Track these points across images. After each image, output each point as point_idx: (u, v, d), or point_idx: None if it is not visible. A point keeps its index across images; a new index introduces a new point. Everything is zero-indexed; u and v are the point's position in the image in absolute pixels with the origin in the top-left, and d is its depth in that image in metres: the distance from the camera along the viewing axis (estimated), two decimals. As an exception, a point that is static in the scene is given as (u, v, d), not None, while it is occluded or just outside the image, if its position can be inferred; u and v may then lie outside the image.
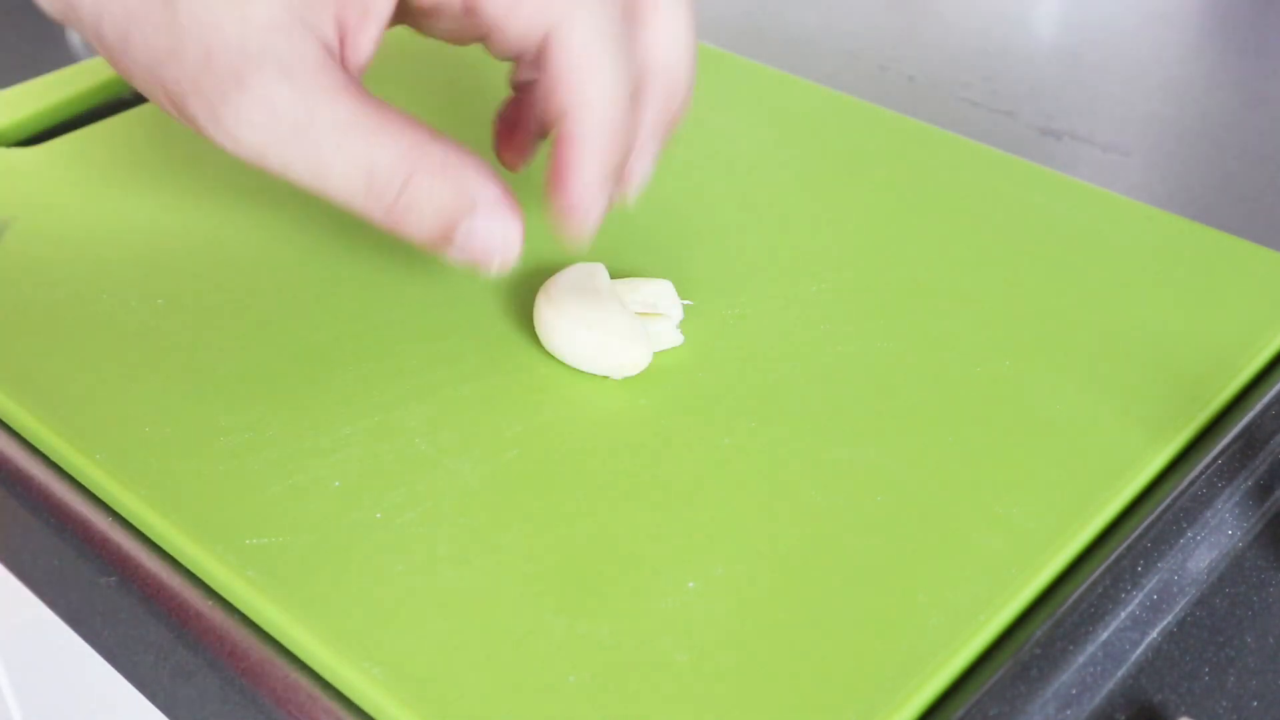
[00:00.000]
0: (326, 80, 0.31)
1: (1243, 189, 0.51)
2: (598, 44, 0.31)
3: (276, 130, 0.31)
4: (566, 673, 0.28)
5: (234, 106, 0.30)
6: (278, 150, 0.31)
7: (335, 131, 0.31)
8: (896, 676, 0.28)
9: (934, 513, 0.32)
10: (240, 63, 0.30)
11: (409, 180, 0.31)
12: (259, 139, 0.31)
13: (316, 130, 0.31)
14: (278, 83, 0.30)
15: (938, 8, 0.66)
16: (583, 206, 0.32)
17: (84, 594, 0.34)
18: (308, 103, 0.30)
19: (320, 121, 0.31)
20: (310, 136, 0.31)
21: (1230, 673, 0.29)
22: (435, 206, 0.32)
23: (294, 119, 0.30)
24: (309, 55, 0.30)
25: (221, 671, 0.30)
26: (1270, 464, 0.34)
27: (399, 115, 0.31)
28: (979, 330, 0.38)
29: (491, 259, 0.33)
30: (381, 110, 0.31)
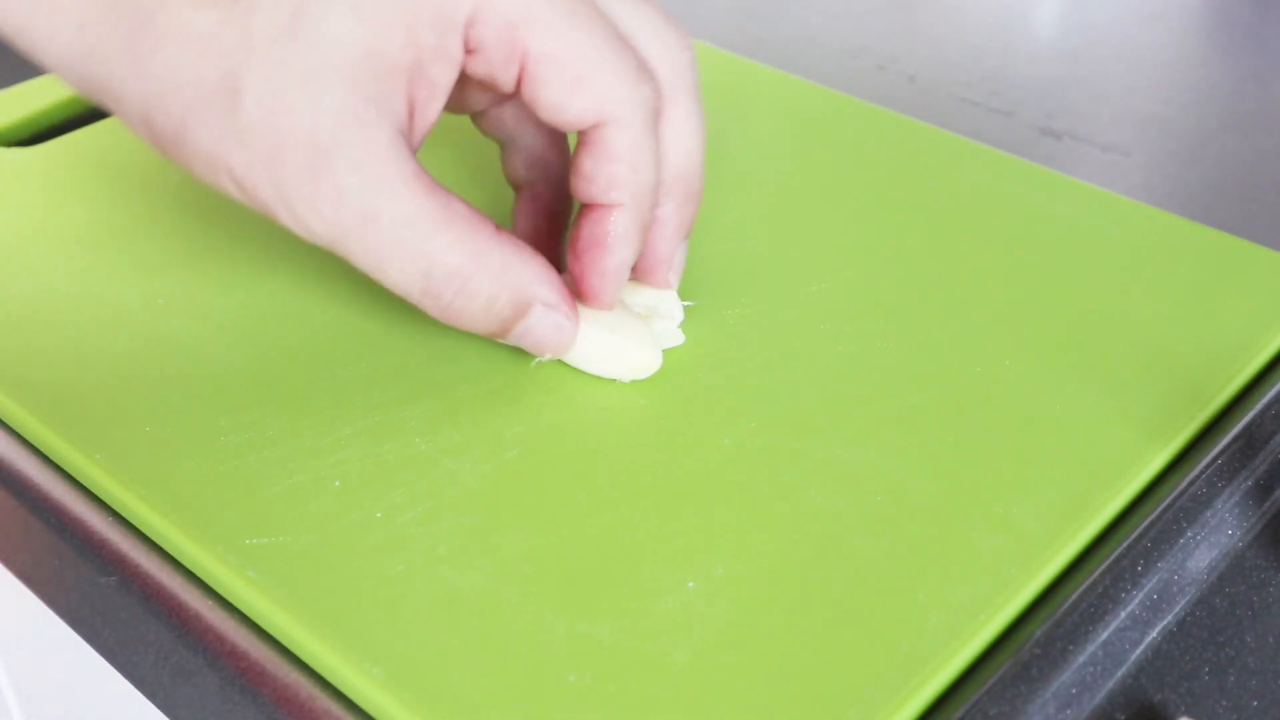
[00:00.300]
0: (394, 171, 0.31)
1: (1243, 189, 0.51)
2: (648, 134, 0.33)
3: (343, 223, 0.31)
4: (566, 673, 0.28)
5: (305, 198, 0.30)
6: (344, 240, 0.31)
7: (396, 227, 0.31)
8: (896, 676, 0.28)
9: (934, 513, 0.32)
10: (312, 154, 0.30)
11: (466, 284, 0.32)
12: (328, 231, 0.31)
13: (380, 225, 0.31)
14: (347, 175, 0.30)
15: (938, 8, 0.66)
16: (610, 289, 0.35)
17: (84, 594, 0.34)
18: (375, 197, 0.31)
19: (384, 217, 0.31)
20: (374, 230, 0.31)
21: (1230, 673, 0.29)
22: (492, 311, 0.33)
23: (361, 212, 0.31)
24: (380, 143, 0.31)
25: (221, 671, 0.30)
26: (1270, 464, 0.34)
27: (463, 211, 0.32)
28: (979, 330, 0.38)
29: (544, 352, 0.35)
30: (447, 206, 0.32)
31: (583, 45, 0.32)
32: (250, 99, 0.30)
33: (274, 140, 0.30)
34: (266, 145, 0.30)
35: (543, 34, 0.31)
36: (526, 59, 0.32)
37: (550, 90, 0.32)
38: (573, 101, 0.32)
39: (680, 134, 0.35)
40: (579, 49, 0.32)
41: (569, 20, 0.32)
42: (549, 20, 0.32)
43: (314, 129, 0.30)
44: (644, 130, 0.33)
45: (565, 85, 0.32)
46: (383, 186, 0.31)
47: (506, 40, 0.31)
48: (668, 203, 0.36)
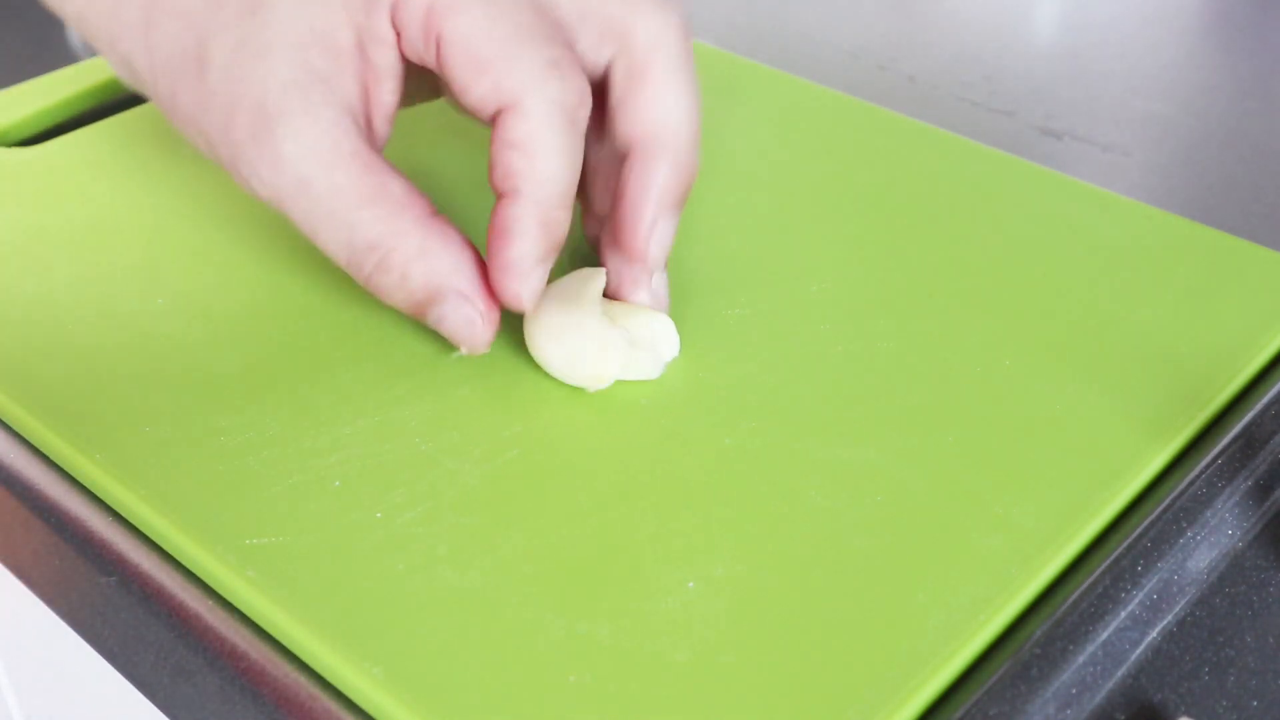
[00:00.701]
0: (330, 144, 0.33)
1: (1243, 189, 0.51)
2: (548, 124, 0.33)
3: (280, 186, 0.33)
4: (566, 673, 0.28)
5: (250, 160, 0.33)
6: (280, 201, 0.34)
7: (326, 196, 0.33)
8: (896, 676, 0.28)
9: (934, 513, 0.32)
10: (258, 119, 0.33)
11: (383, 259, 0.34)
12: (267, 192, 0.33)
13: (312, 192, 0.33)
14: (286, 141, 0.33)
15: (938, 8, 0.66)
16: (516, 283, 0.34)
17: (84, 594, 0.34)
18: (309, 166, 0.33)
19: (316, 185, 0.33)
20: (306, 196, 0.33)
21: (1230, 673, 0.29)
22: (405, 289, 0.34)
23: (297, 178, 0.33)
24: (323, 117, 0.33)
25: (221, 671, 0.30)
26: (1270, 464, 0.34)
27: (396, 191, 0.33)
28: (979, 330, 0.38)
29: (460, 344, 0.35)
30: (380, 184, 0.33)
31: (492, 31, 0.33)
32: (216, 66, 0.33)
33: (229, 103, 0.33)
34: (223, 107, 0.33)
35: (456, 18, 0.33)
36: (440, 42, 0.33)
37: (456, 73, 0.33)
38: (473, 86, 0.33)
39: (655, 98, 0.35)
40: (487, 35, 0.33)
41: (484, 7, 0.33)
42: (464, 5, 0.33)
43: (263, 97, 0.33)
44: (546, 121, 0.33)
45: (469, 69, 0.33)
46: (318, 157, 0.33)
47: (424, 23, 0.33)
48: (639, 164, 0.35)
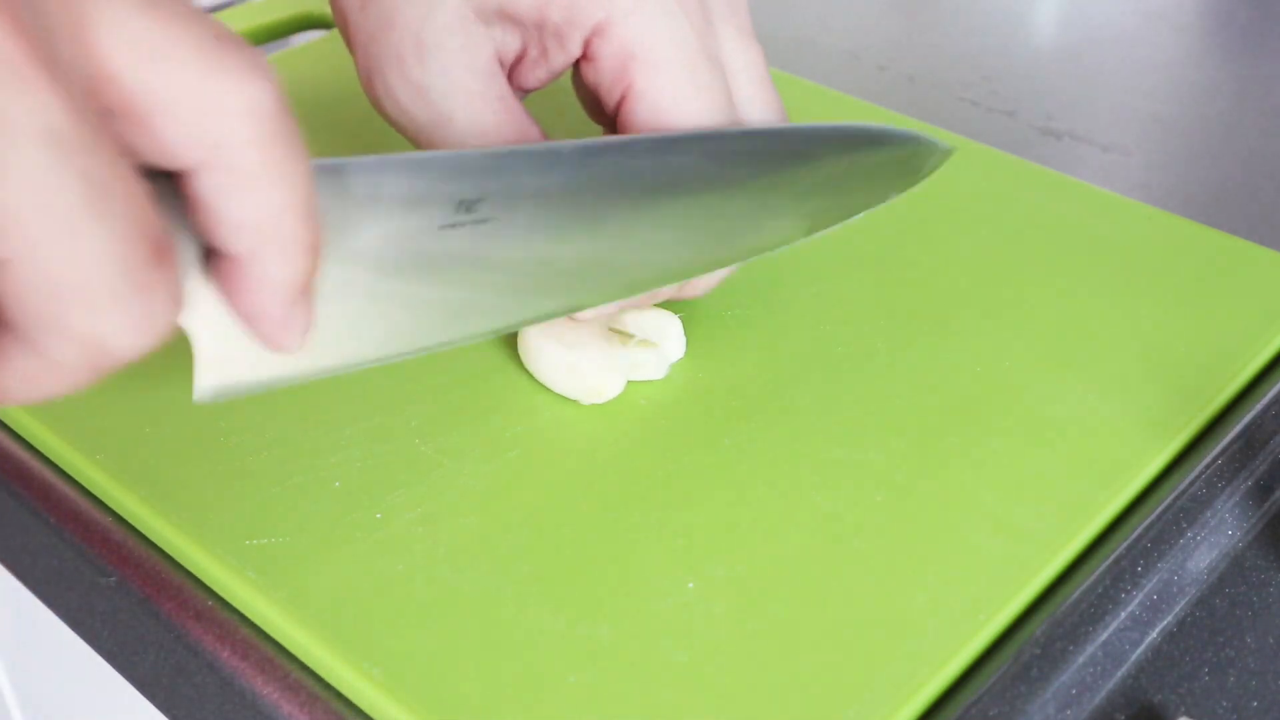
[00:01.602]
0: (482, 87, 0.34)
1: (1243, 189, 0.51)
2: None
3: (417, 116, 0.34)
4: (566, 673, 0.28)
5: (389, 83, 0.34)
6: (413, 130, 0.34)
7: (469, 136, 0.34)
8: (897, 676, 0.28)
9: (934, 513, 0.32)
10: (410, 47, 0.33)
11: None
12: (399, 117, 0.35)
13: (455, 128, 0.34)
14: (436, 76, 0.34)
15: (938, 7, 0.66)
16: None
17: (84, 594, 0.34)
18: (455, 103, 0.34)
19: (459, 123, 0.34)
20: (446, 130, 0.34)
21: (1230, 673, 0.29)
22: None
23: (439, 113, 0.34)
24: (480, 58, 0.34)
25: (221, 671, 0.30)
26: (1270, 464, 0.34)
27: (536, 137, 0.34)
28: (978, 330, 0.38)
29: None
30: (522, 130, 0.34)
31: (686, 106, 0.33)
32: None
33: (385, 17, 0.34)
34: (376, 23, 0.34)
35: (654, 79, 0.33)
36: (629, 93, 0.33)
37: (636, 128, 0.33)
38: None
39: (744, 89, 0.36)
40: (678, 107, 0.33)
41: (686, 75, 0.33)
42: (668, 67, 0.33)
43: (422, 27, 0.33)
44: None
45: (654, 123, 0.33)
46: (467, 97, 0.34)
47: (620, 67, 0.33)
48: None
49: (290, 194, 0.23)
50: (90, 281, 0.21)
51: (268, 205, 0.23)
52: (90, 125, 0.21)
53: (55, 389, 0.22)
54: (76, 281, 0.21)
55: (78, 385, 0.22)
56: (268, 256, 0.24)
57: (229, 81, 0.22)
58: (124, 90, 0.21)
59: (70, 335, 0.21)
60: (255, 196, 0.23)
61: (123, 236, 0.21)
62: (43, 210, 0.20)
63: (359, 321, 0.28)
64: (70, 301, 0.21)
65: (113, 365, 0.22)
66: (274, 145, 0.23)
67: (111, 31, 0.21)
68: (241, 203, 0.23)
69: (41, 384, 0.22)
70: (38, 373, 0.22)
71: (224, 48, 0.22)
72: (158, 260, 0.22)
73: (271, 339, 0.25)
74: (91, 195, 0.20)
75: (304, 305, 0.25)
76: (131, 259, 0.21)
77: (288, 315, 0.25)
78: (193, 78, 0.22)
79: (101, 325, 0.21)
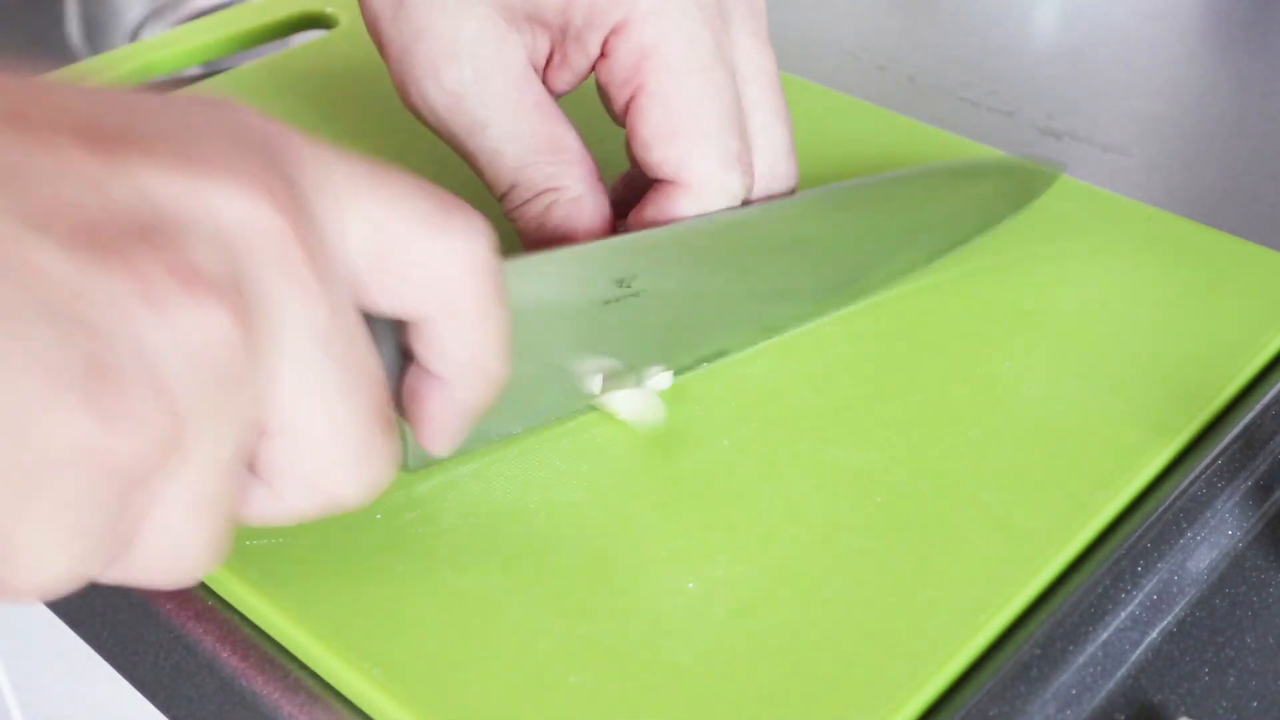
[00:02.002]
0: (518, 95, 0.35)
1: (1243, 189, 0.51)
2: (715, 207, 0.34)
3: (454, 122, 0.35)
4: (566, 673, 0.28)
5: (423, 90, 0.35)
6: (449, 135, 0.35)
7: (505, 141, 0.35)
8: (896, 676, 0.28)
9: (934, 514, 0.32)
10: (444, 51, 0.34)
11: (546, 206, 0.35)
12: (433, 121, 0.35)
13: (490, 134, 0.35)
14: (470, 84, 0.34)
15: (938, 8, 0.66)
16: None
17: (84, 594, 0.34)
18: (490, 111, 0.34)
19: (494, 130, 0.35)
20: (482, 137, 0.35)
21: (1230, 673, 0.29)
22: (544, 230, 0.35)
23: (473, 120, 0.35)
24: (513, 63, 0.35)
25: (221, 671, 0.30)
26: (1270, 464, 0.34)
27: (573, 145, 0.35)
28: (979, 330, 0.38)
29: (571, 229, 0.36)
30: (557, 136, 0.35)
31: (695, 108, 0.33)
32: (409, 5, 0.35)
33: (417, 27, 0.34)
34: (409, 34, 0.34)
35: (664, 79, 0.33)
36: (640, 91, 0.34)
37: (643, 126, 0.34)
38: (658, 148, 0.34)
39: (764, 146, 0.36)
40: (689, 110, 0.33)
41: (698, 80, 0.33)
42: (680, 70, 0.33)
43: (456, 30, 0.34)
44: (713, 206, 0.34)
45: (660, 131, 0.34)
46: (503, 105, 0.34)
47: (634, 65, 0.33)
48: None
49: (496, 336, 0.27)
50: (334, 449, 0.24)
51: (480, 345, 0.27)
52: (348, 318, 0.24)
53: (283, 522, 0.25)
54: (323, 449, 0.24)
55: (294, 520, 0.25)
56: (465, 383, 0.27)
57: (453, 238, 0.25)
58: (364, 253, 0.24)
59: (309, 489, 0.25)
60: (471, 337, 0.27)
61: (364, 410, 0.24)
62: (306, 394, 0.23)
63: (524, 394, 0.31)
64: (314, 465, 0.24)
65: (336, 511, 0.26)
66: (489, 295, 0.26)
67: (356, 209, 0.24)
68: (459, 342, 0.27)
69: (274, 519, 0.25)
70: (274, 511, 0.25)
71: (448, 210, 0.25)
72: (385, 431, 0.25)
73: (433, 443, 0.28)
74: (346, 382, 0.24)
75: (466, 427, 0.28)
76: (368, 428, 0.24)
77: (455, 431, 0.28)
78: (424, 238, 0.25)
79: (336, 483, 0.25)
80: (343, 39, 0.53)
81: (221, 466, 0.22)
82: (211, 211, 0.21)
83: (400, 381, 0.28)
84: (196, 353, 0.21)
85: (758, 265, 0.35)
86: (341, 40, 0.53)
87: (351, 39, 0.52)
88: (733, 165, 0.34)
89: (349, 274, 0.24)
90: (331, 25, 0.55)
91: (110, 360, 0.20)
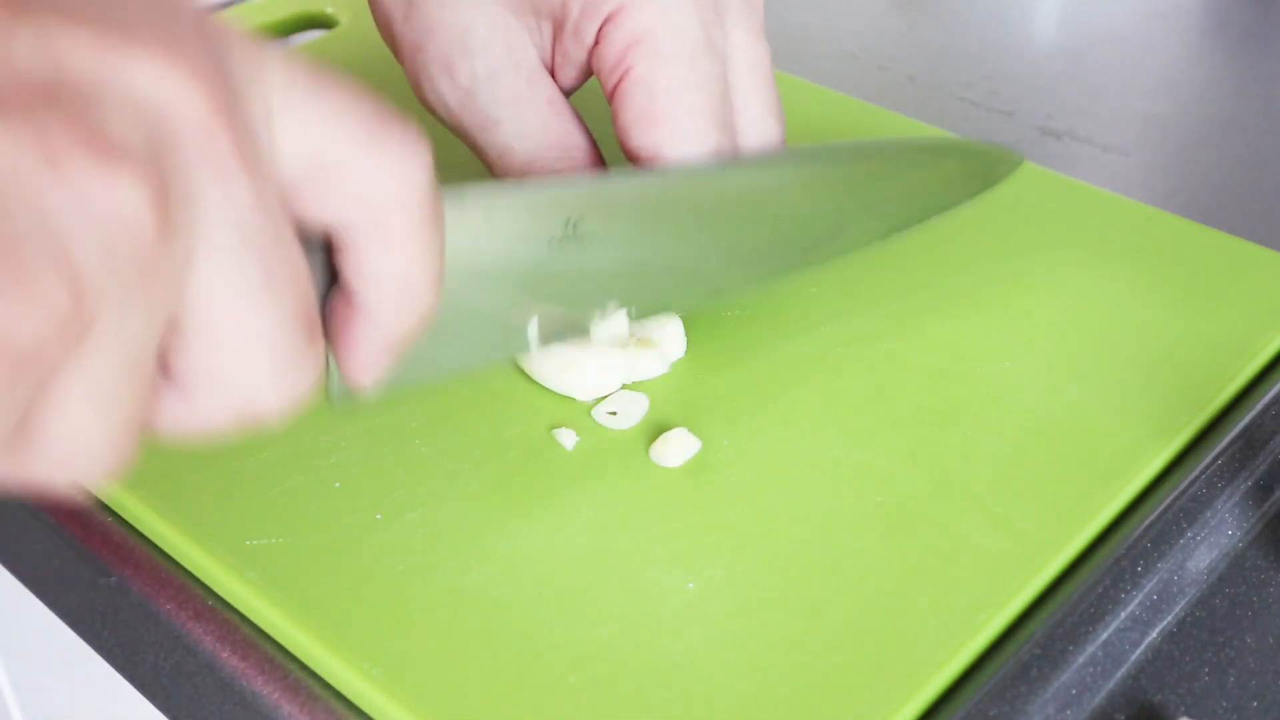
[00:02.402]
0: (530, 91, 0.35)
1: (1243, 189, 0.51)
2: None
3: (466, 118, 0.35)
4: (566, 673, 0.28)
5: (435, 87, 0.35)
6: (461, 130, 0.36)
7: (516, 139, 0.35)
8: (897, 677, 0.28)
9: (934, 513, 0.32)
10: (455, 53, 0.35)
11: None
12: (445, 115, 0.36)
13: (502, 130, 0.35)
14: (483, 81, 0.35)
15: (938, 8, 0.66)
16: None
17: (84, 594, 0.34)
18: (502, 109, 0.35)
19: (506, 125, 0.35)
20: (493, 133, 0.35)
21: (1230, 673, 0.29)
22: None
23: (485, 116, 0.35)
24: (525, 61, 0.35)
25: (221, 671, 0.30)
26: (1270, 464, 0.34)
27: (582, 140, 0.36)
28: (979, 330, 0.38)
29: None
30: (568, 132, 0.35)
31: (679, 93, 0.33)
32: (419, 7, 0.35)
33: (428, 26, 0.35)
34: (420, 32, 0.35)
35: (650, 65, 0.33)
36: (626, 76, 0.34)
37: (627, 110, 0.34)
38: (637, 130, 0.34)
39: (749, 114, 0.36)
40: (670, 94, 0.33)
41: (685, 66, 0.33)
42: (669, 55, 0.33)
43: (467, 27, 0.34)
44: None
45: (643, 115, 0.34)
46: (515, 103, 0.35)
47: (623, 49, 0.34)
48: None
49: (427, 261, 0.25)
50: (253, 353, 0.23)
51: (408, 266, 0.25)
52: (275, 215, 0.22)
53: (196, 433, 0.24)
54: (241, 352, 0.22)
55: (217, 434, 0.24)
56: (390, 309, 0.26)
57: (388, 153, 0.24)
58: (296, 160, 0.23)
59: (225, 396, 0.23)
60: (399, 256, 0.25)
61: (289, 315, 0.23)
62: (225, 290, 0.22)
63: (460, 333, 0.30)
64: (231, 369, 0.23)
65: (254, 425, 0.24)
66: (422, 214, 0.25)
67: (290, 115, 0.23)
68: (387, 260, 0.25)
69: (186, 427, 0.24)
70: (185, 418, 0.23)
71: (386, 123, 0.24)
72: (310, 337, 0.24)
73: (357, 377, 0.26)
74: (269, 280, 0.22)
75: (392, 359, 0.27)
76: (291, 335, 0.23)
77: (379, 363, 0.26)
78: (358, 150, 0.24)
79: (254, 391, 0.23)
80: (343, 39, 0.53)
81: (128, 356, 0.21)
82: (132, 84, 0.20)
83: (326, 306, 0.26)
84: (104, 227, 0.19)
85: (708, 222, 0.35)
86: (341, 40, 0.53)
87: (351, 39, 0.52)
88: (713, 139, 0.34)
89: (279, 177, 0.23)
90: (331, 25, 0.55)
91: (9, 230, 0.18)
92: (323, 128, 0.23)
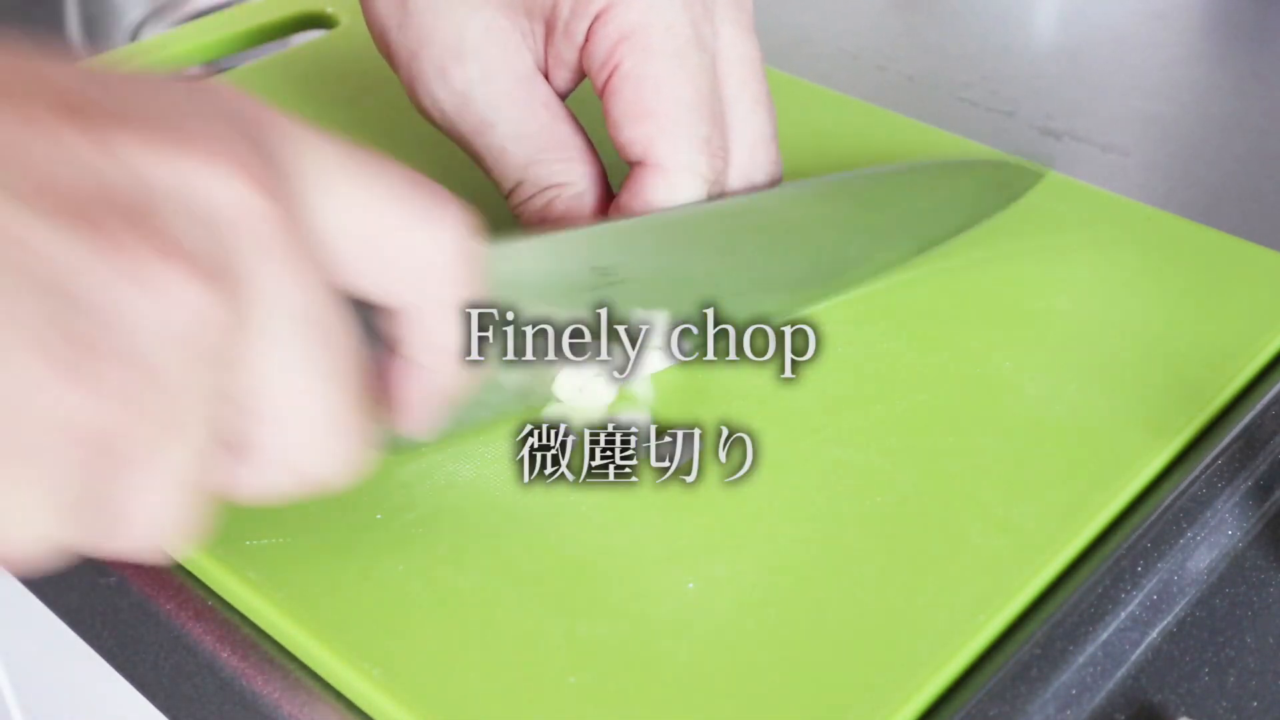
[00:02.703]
0: (526, 94, 0.35)
1: (1243, 189, 0.51)
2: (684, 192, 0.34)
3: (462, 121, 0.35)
4: (566, 673, 0.28)
5: (431, 91, 0.36)
6: (457, 134, 0.36)
7: (512, 140, 0.35)
8: (897, 677, 0.28)
9: (934, 513, 0.32)
10: (449, 57, 0.35)
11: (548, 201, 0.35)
12: (442, 120, 0.36)
13: (498, 133, 0.35)
14: (477, 85, 0.35)
15: (938, 8, 0.66)
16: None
17: (84, 594, 0.34)
18: (496, 111, 0.35)
19: (502, 128, 0.35)
20: (490, 135, 0.35)
21: (1230, 673, 0.29)
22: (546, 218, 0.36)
23: (480, 119, 0.35)
24: (519, 64, 0.35)
25: (221, 671, 0.30)
26: (1270, 464, 0.34)
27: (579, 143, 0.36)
28: (978, 330, 0.38)
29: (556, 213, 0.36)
30: (566, 135, 0.35)
31: (666, 89, 0.34)
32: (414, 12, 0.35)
33: (423, 32, 0.35)
34: (416, 40, 0.35)
35: (638, 59, 0.34)
36: (615, 72, 0.34)
37: (617, 107, 0.34)
38: (627, 127, 0.34)
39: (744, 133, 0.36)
40: (658, 92, 0.34)
41: (673, 63, 0.34)
42: (656, 52, 0.34)
43: (461, 32, 0.35)
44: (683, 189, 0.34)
45: (631, 111, 0.34)
46: (511, 105, 0.35)
47: (612, 46, 0.34)
48: None
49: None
50: (309, 429, 0.24)
51: (457, 330, 0.27)
52: (325, 296, 0.24)
53: (271, 499, 0.26)
54: (299, 426, 0.24)
55: (274, 498, 0.26)
56: (447, 369, 0.28)
57: (431, 226, 0.26)
58: (341, 239, 0.25)
59: (288, 467, 0.25)
60: (447, 321, 0.27)
61: (340, 393, 0.24)
62: (282, 370, 0.23)
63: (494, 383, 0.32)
64: (291, 444, 0.24)
65: (311, 491, 0.26)
66: (467, 279, 0.26)
67: (332, 197, 0.24)
68: (440, 330, 0.27)
69: (260, 496, 0.25)
70: (251, 485, 0.25)
71: (424, 197, 0.26)
72: (359, 412, 0.25)
73: (412, 428, 0.29)
74: (323, 362, 0.24)
75: (448, 410, 0.29)
76: (342, 411, 0.25)
77: (436, 415, 0.29)
78: (402, 227, 0.25)
79: (313, 462, 0.25)
80: (343, 39, 0.53)
81: (198, 441, 0.22)
82: (194, 189, 0.21)
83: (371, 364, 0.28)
84: (177, 327, 0.21)
85: (738, 256, 0.36)
86: (341, 40, 0.53)
87: (351, 39, 0.52)
88: (701, 148, 0.34)
89: (327, 256, 0.24)
90: (331, 25, 0.55)
91: (91, 332, 0.20)
92: (369, 205, 0.25)
